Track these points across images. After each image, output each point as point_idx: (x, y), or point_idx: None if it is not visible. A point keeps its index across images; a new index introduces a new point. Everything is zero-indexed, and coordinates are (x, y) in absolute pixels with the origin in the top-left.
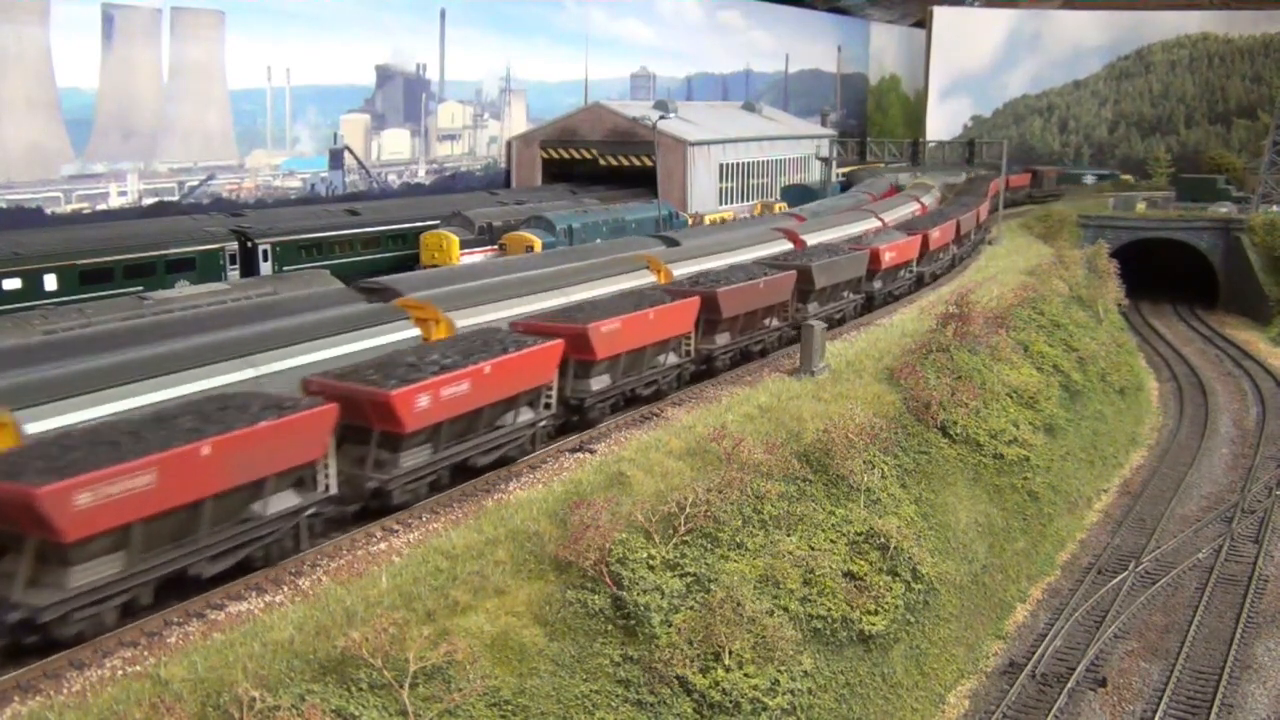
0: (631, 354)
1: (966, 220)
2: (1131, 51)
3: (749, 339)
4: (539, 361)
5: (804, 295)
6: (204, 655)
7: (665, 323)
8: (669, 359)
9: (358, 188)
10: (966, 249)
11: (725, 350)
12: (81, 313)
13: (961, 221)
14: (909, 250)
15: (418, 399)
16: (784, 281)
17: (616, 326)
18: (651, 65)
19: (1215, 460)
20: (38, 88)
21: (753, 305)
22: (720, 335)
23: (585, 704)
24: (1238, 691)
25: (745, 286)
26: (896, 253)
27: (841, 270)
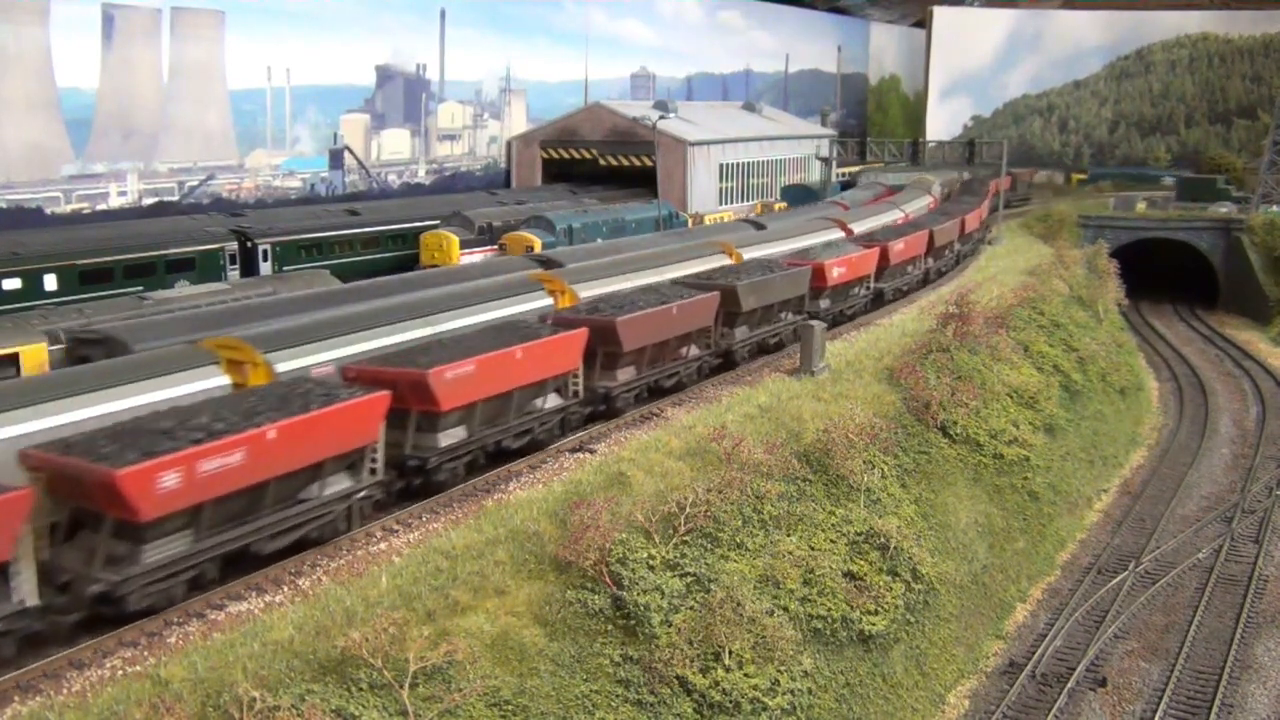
0: (493, 400)
1: (945, 230)
2: (1131, 51)
3: (660, 372)
4: (357, 418)
5: (730, 319)
6: (204, 655)
7: (540, 361)
8: (548, 402)
9: (358, 188)
10: (946, 262)
11: (628, 388)
12: (81, 313)
13: (937, 232)
14: (863, 265)
15: None
16: (703, 305)
17: (469, 370)
18: (651, 65)
19: (1215, 460)
20: (38, 88)
21: (664, 334)
22: (623, 370)
23: (585, 704)
24: (1238, 691)
25: (653, 313)
26: (847, 268)
27: (775, 289)
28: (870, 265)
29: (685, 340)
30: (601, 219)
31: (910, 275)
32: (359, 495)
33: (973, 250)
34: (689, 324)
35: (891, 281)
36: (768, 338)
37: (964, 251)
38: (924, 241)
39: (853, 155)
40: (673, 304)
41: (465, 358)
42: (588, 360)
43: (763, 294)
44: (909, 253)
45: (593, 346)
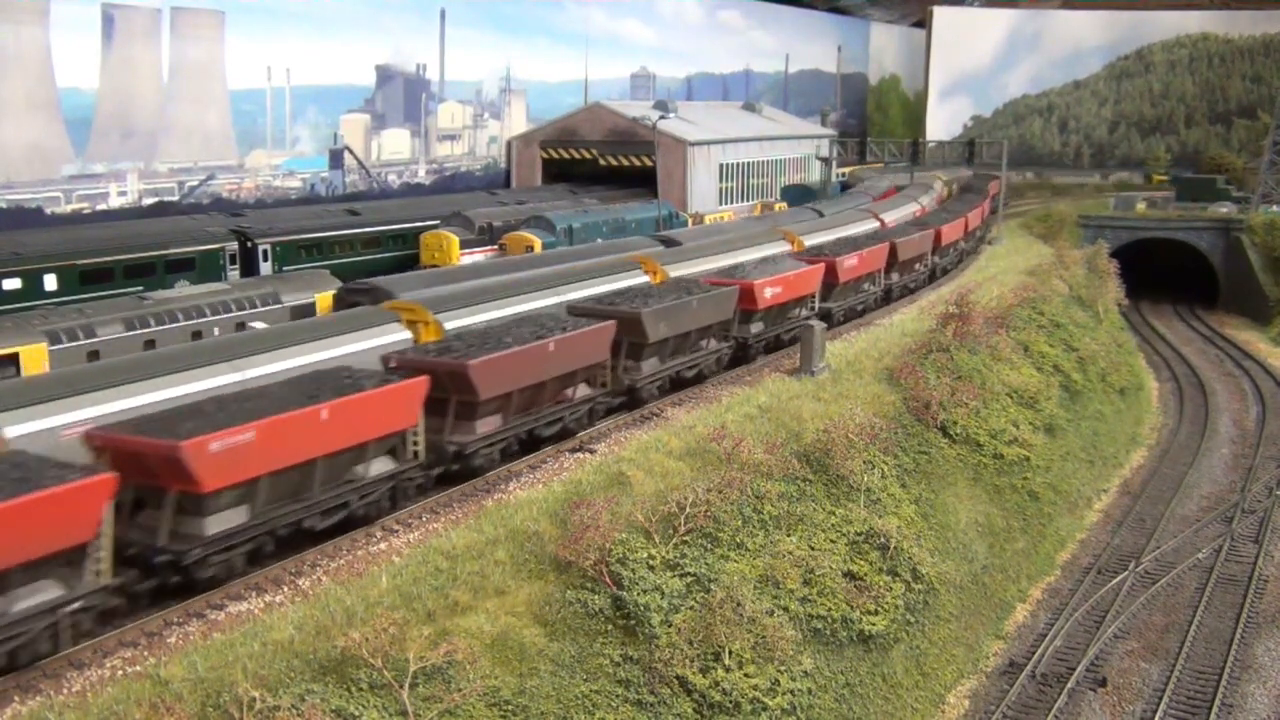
0: (291, 471)
1: (911, 243)
2: (1131, 51)
3: (535, 419)
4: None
5: (635, 350)
6: (204, 655)
7: (359, 420)
8: (371, 468)
9: (358, 188)
10: (917, 277)
11: (489, 441)
12: (81, 313)
13: (900, 245)
14: (804, 284)
15: None
16: (596, 336)
17: (246, 438)
18: (651, 65)
19: (1215, 460)
20: (38, 88)
21: (539, 374)
22: (484, 420)
23: (585, 704)
24: (1238, 691)
25: (521, 352)
26: (784, 288)
27: (691, 315)
28: (812, 284)
29: (570, 380)
30: (601, 219)
31: (866, 293)
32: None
33: (956, 261)
34: (576, 360)
35: (843, 301)
36: (684, 370)
37: (943, 264)
38: (882, 256)
39: (853, 155)
40: (550, 339)
41: (243, 424)
42: (437, 411)
43: (676, 320)
44: (863, 268)
45: (442, 395)
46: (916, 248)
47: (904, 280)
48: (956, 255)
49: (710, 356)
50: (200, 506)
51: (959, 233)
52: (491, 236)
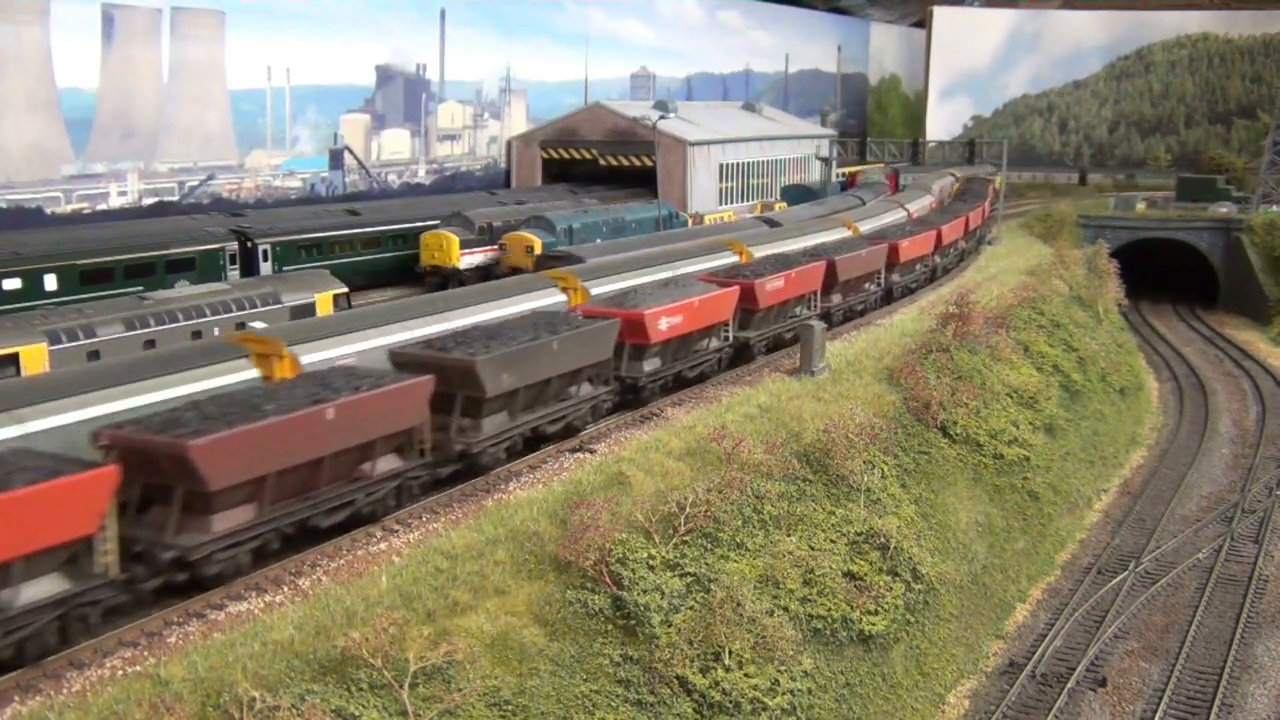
0: None
1: (856, 260)
2: (1131, 51)
3: (313, 506)
4: None
5: (474, 407)
6: (204, 655)
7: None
8: (19, 595)
9: (358, 188)
10: (866, 298)
11: (235, 541)
12: (81, 313)
13: (840, 264)
14: (713, 310)
15: None
16: (406, 395)
17: None
18: (651, 65)
19: (1215, 460)
20: (38, 88)
21: (320, 448)
22: (221, 516)
23: (585, 704)
24: (1238, 691)
25: (283, 423)
26: (685, 317)
27: (552, 359)
28: (724, 310)
29: (368, 453)
30: (601, 219)
31: (799, 319)
32: None
33: (926, 279)
34: (375, 427)
35: (765, 329)
36: (545, 423)
37: (904, 283)
38: (817, 276)
39: (853, 155)
40: (329, 404)
41: None
42: None
43: (529, 367)
44: (790, 291)
45: (163, 488)
46: (863, 265)
47: (849, 302)
48: (924, 273)
49: (585, 405)
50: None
51: (925, 248)
52: (491, 236)
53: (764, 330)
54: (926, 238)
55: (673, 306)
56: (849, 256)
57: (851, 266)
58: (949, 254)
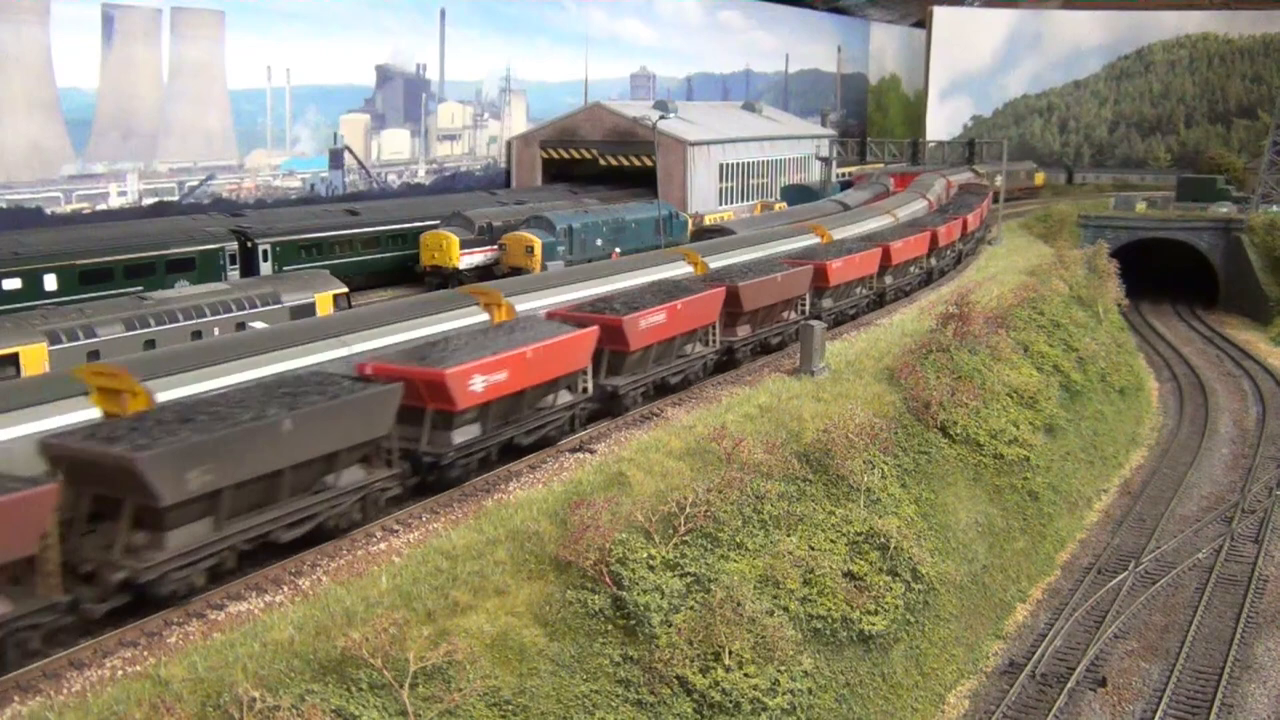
0: None
1: (767, 286)
2: (1131, 51)
3: None
4: None
5: (151, 518)
6: (204, 655)
7: None
8: None
9: (358, 188)
10: (785, 328)
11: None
12: (81, 312)
13: (744, 291)
14: (566, 357)
15: None
16: (19, 510)
17: None
18: (651, 65)
19: (1215, 460)
20: (38, 88)
21: None
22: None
23: (585, 704)
24: (1238, 691)
25: None
26: (509, 373)
27: (283, 445)
28: (580, 356)
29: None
30: (602, 219)
31: (690, 358)
32: None
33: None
34: None
35: (636, 376)
36: (279, 529)
37: (843, 307)
38: (715, 306)
39: (853, 155)
40: None
41: None
42: None
43: (240, 460)
44: (672, 329)
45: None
46: (788, 288)
47: (761, 336)
48: (862, 300)
49: (346, 498)
50: None
51: (861, 269)
52: (491, 236)
53: (634, 377)
54: (868, 257)
55: (486, 361)
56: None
57: (759, 292)
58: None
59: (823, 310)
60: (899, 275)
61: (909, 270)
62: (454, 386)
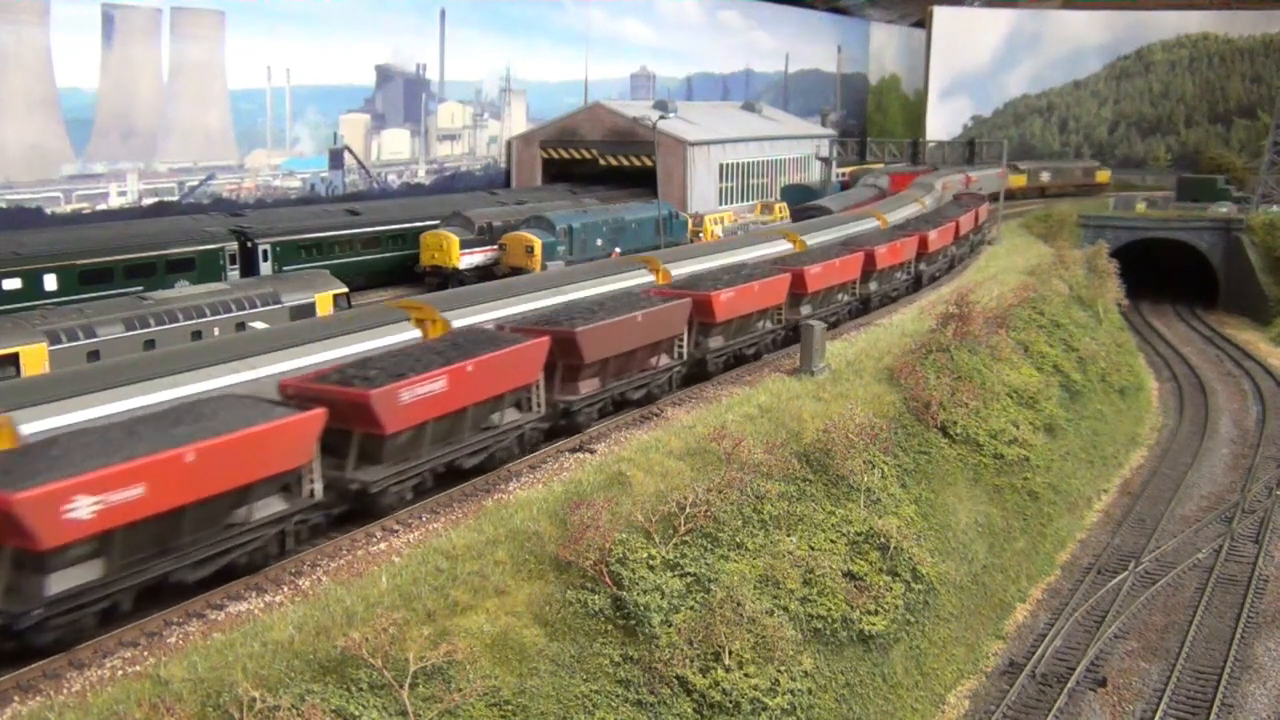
0: None
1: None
2: (1131, 51)
3: None
4: None
5: None
6: (204, 655)
7: None
8: None
9: (358, 188)
10: (657, 378)
11: None
12: (81, 312)
13: (589, 333)
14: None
15: None
16: None
17: None
18: (651, 65)
19: (1215, 460)
20: (38, 88)
21: None
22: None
23: (585, 704)
24: (1238, 691)
25: None
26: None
27: None
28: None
29: None
30: (602, 219)
31: (506, 431)
32: None
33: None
34: None
35: (469, 444)
36: None
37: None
38: (536, 361)
39: (852, 155)
40: None
41: None
42: None
43: None
44: (506, 383)
45: None
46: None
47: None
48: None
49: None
50: None
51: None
52: (491, 236)
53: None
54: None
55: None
56: None
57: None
58: None
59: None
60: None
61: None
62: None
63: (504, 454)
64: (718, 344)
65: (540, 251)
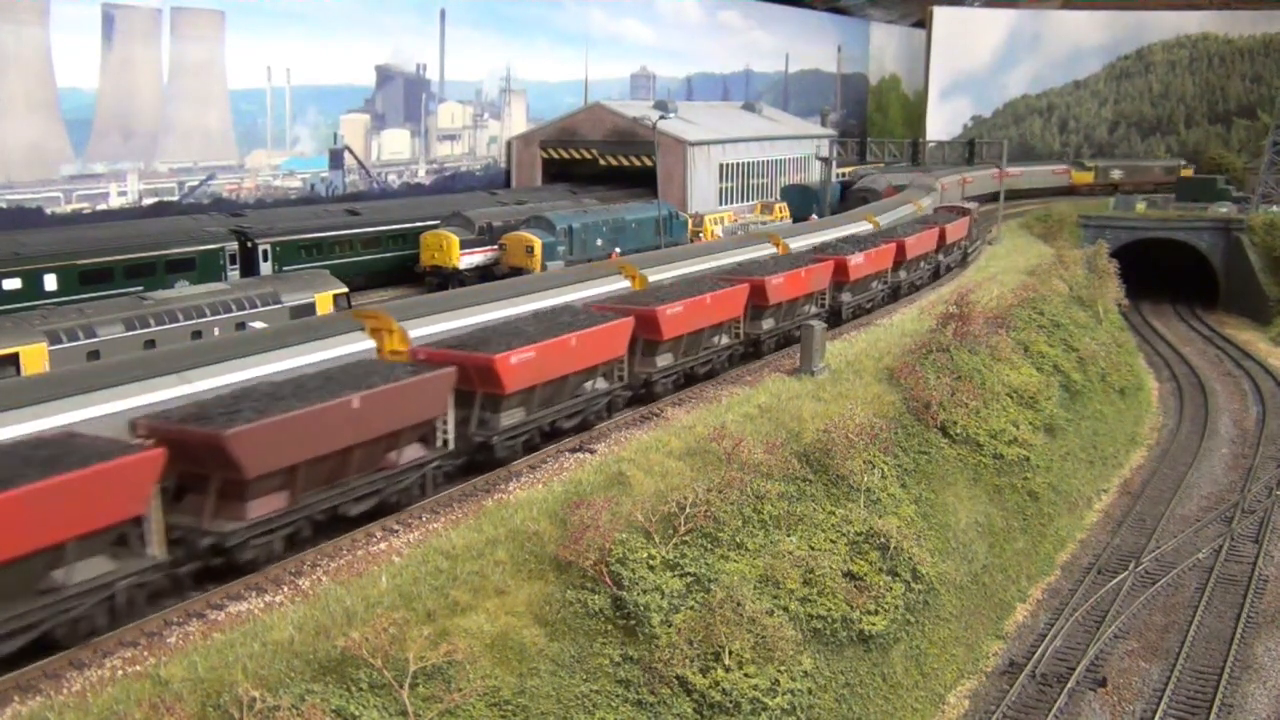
0: None
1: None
2: (1131, 51)
3: None
4: None
5: None
6: (204, 655)
7: None
8: None
9: (358, 188)
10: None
11: None
12: (81, 312)
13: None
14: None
15: None
16: None
17: None
18: (651, 65)
19: (1215, 460)
20: (38, 88)
21: None
22: None
23: (585, 704)
24: (1238, 691)
25: None
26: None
27: None
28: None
29: None
30: (601, 219)
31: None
32: None
33: None
34: None
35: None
36: None
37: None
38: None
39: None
40: None
41: None
42: None
43: None
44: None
45: None
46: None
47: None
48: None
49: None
50: None
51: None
52: (491, 236)
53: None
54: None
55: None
56: None
57: None
58: None
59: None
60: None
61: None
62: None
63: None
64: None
65: (540, 251)
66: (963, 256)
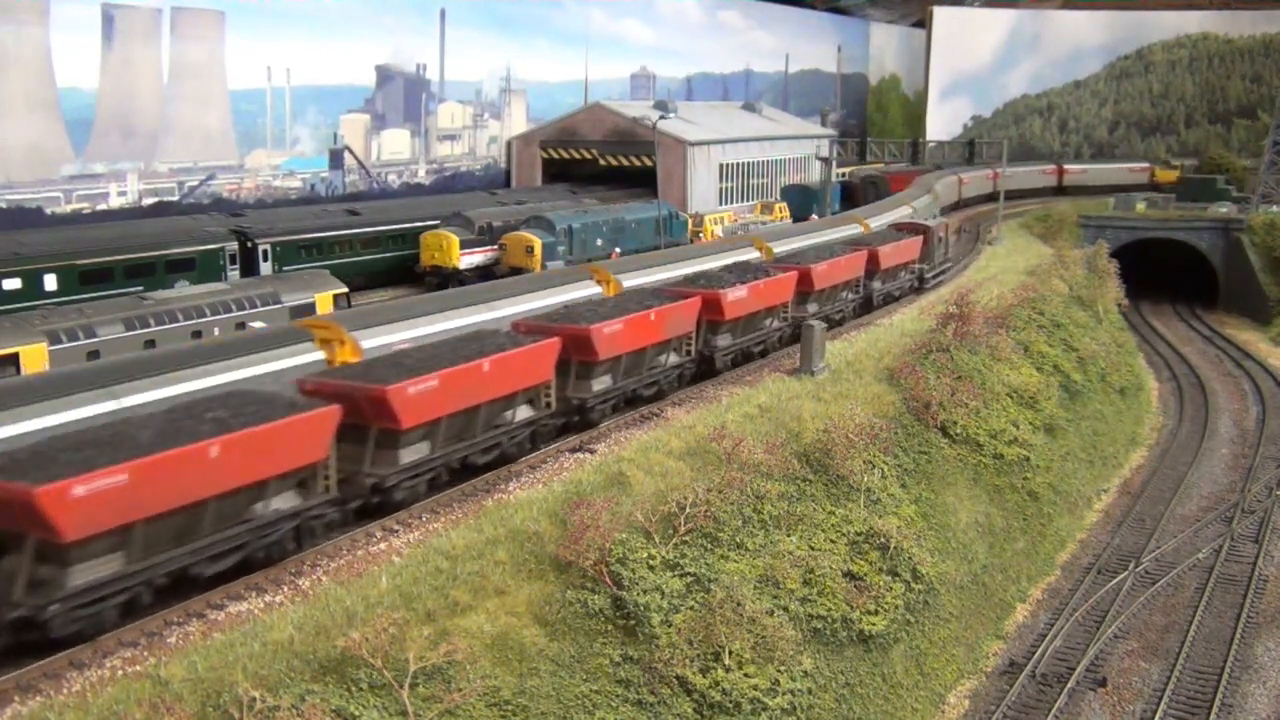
0: None
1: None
2: (1131, 51)
3: None
4: None
5: None
6: (204, 655)
7: None
8: None
9: (358, 188)
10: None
11: None
12: (81, 312)
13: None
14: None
15: None
16: None
17: None
18: (651, 65)
19: (1215, 460)
20: (38, 88)
21: None
22: None
23: (585, 704)
24: (1238, 691)
25: None
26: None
27: None
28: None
29: None
30: (601, 219)
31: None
32: None
33: None
34: None
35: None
36: None
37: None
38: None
39: (852, 155)
40: None
41: None
42: None
43: None
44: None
45: None
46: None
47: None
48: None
49: None
50: None
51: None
52: (491, 236)
53: None
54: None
55: None
56: None
57: None
58: None
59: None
60: None
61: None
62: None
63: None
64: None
65: (540, 251)
66: (918, 282)
